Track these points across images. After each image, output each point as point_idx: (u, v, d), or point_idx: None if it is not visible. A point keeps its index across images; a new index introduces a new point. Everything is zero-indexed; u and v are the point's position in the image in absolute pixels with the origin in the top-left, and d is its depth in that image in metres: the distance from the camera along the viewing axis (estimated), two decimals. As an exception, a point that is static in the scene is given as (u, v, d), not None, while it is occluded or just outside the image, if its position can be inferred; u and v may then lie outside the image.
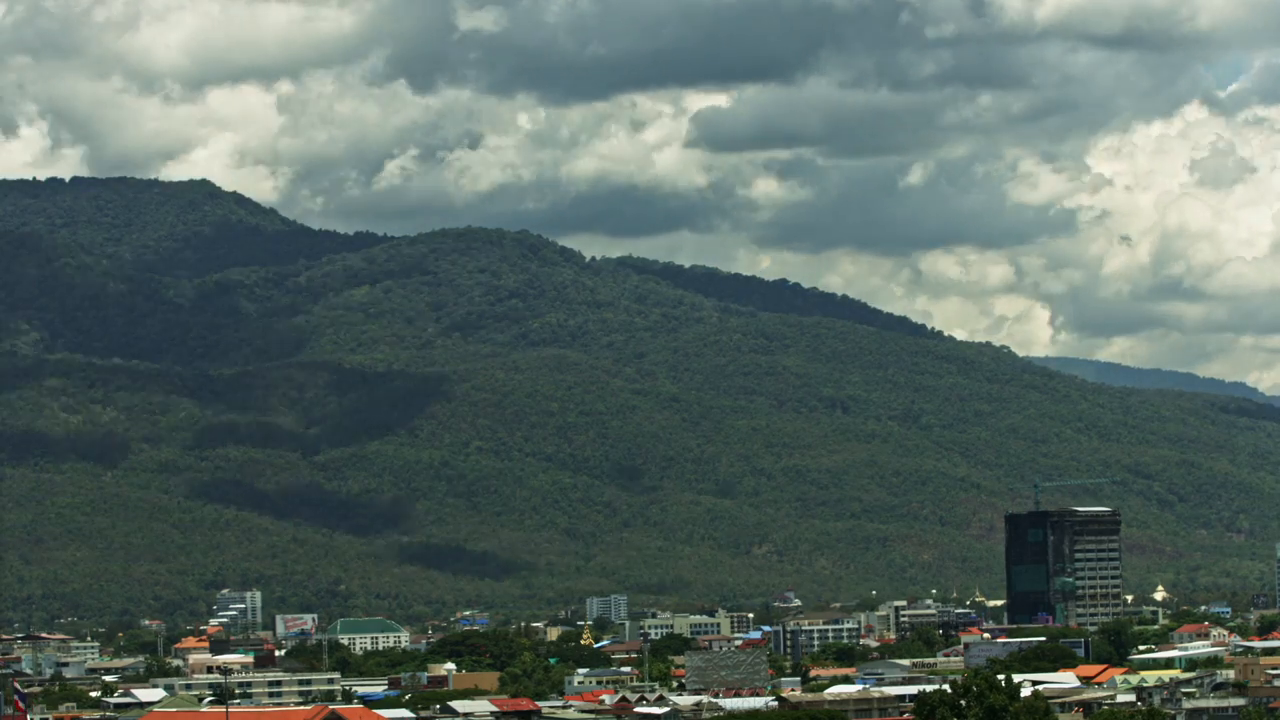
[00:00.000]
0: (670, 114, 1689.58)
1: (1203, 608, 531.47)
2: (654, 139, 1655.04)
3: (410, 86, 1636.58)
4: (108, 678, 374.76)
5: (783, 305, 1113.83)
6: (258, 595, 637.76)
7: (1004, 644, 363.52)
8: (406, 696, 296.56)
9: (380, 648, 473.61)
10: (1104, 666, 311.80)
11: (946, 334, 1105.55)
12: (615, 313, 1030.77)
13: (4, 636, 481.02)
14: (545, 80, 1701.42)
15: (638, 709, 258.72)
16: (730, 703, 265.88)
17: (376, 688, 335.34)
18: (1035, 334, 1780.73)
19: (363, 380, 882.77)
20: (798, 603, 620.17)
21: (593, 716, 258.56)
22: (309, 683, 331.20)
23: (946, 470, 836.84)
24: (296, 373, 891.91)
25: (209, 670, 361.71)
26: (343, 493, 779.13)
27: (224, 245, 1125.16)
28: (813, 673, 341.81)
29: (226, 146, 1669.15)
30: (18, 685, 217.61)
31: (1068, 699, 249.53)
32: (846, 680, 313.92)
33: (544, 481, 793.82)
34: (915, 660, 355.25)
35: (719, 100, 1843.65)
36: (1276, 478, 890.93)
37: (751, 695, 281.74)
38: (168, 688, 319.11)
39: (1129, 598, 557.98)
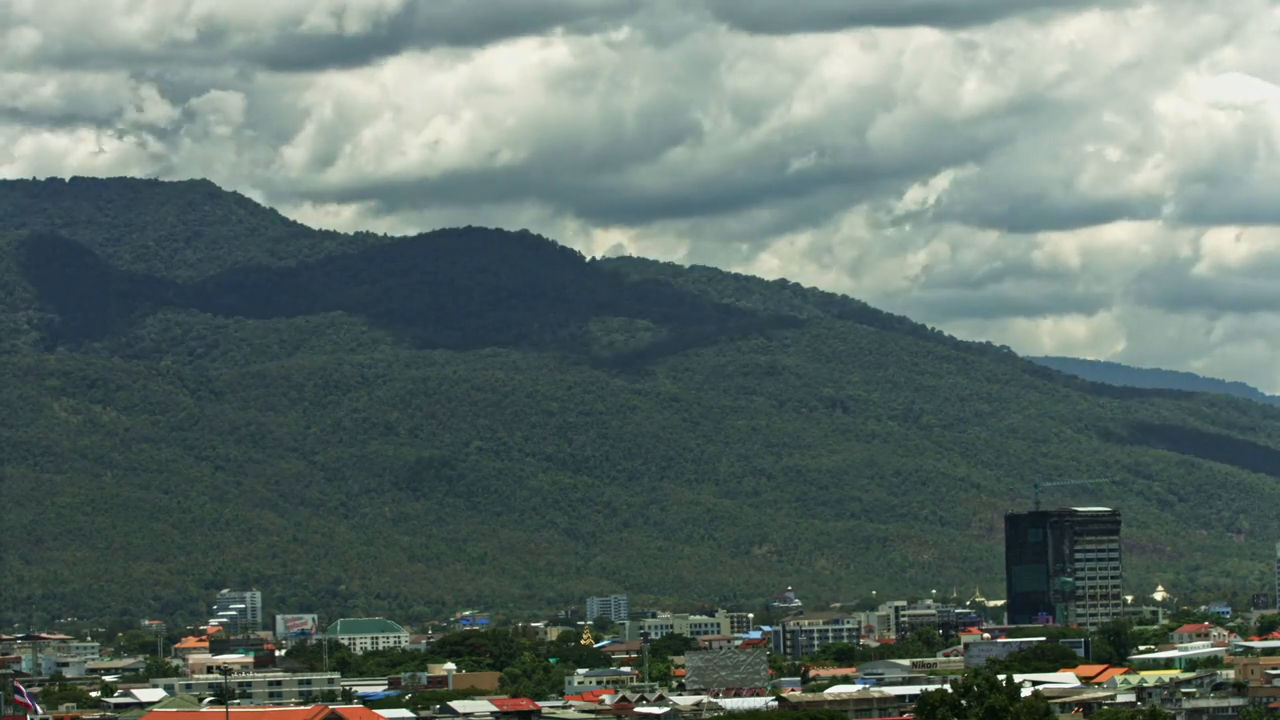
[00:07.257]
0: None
1: (1203, 608, 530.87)
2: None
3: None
4: (108, 678, 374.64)
5: (783, 305, 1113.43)
6: (258, 595, 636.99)
7: (1004, 644, 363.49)
8: (406, 696, 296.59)
9: (380, 648, 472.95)
10: (1104, 666, 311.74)
11: (946, 334, 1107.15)
12: (615, 313, 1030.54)
13: (4, 636, 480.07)
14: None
15: (638, 709, 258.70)
16: (730, 703, 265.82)
17: (376, 688, 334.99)
18: None
19: (362, 380, 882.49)
20: (798, 603, 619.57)
21: (593, 716, 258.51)
22: (309, 683, 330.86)
23: (946, 470, 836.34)
24: (296, 372, 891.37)
25: (209, 670, 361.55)
26: (343, 493, 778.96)
27: (224, 245, 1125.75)
28: (813, 673, 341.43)
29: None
30: (19, 685, 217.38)
31: (1068, 699, 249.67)
32: (846, 680, 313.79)
33: (544, 481, 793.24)
34: (915, 660, 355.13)
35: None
36: (1276, 478, 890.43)
37: (751, 695, 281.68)
38: (168, 688, 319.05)
39: (1129, 598, 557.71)
